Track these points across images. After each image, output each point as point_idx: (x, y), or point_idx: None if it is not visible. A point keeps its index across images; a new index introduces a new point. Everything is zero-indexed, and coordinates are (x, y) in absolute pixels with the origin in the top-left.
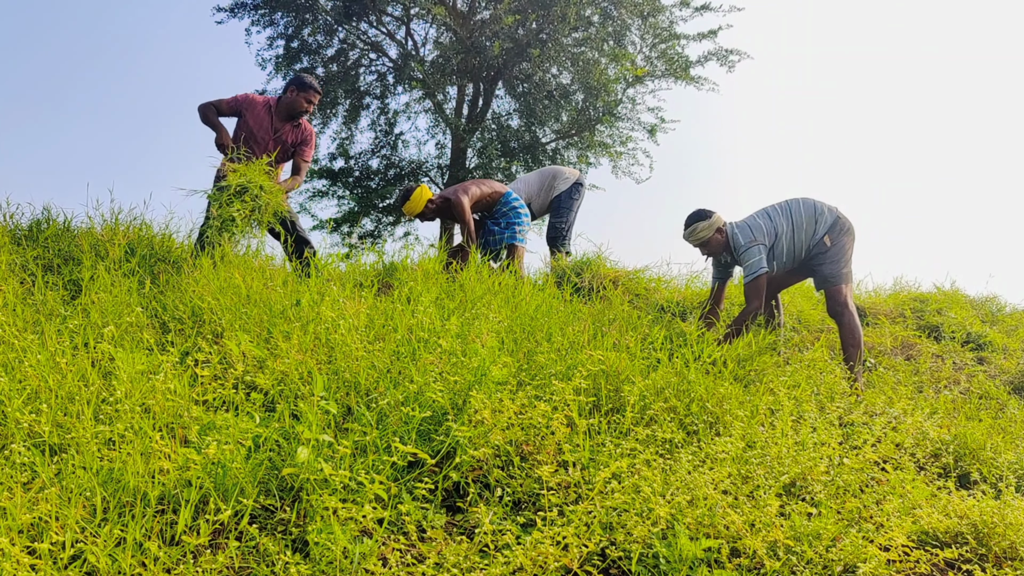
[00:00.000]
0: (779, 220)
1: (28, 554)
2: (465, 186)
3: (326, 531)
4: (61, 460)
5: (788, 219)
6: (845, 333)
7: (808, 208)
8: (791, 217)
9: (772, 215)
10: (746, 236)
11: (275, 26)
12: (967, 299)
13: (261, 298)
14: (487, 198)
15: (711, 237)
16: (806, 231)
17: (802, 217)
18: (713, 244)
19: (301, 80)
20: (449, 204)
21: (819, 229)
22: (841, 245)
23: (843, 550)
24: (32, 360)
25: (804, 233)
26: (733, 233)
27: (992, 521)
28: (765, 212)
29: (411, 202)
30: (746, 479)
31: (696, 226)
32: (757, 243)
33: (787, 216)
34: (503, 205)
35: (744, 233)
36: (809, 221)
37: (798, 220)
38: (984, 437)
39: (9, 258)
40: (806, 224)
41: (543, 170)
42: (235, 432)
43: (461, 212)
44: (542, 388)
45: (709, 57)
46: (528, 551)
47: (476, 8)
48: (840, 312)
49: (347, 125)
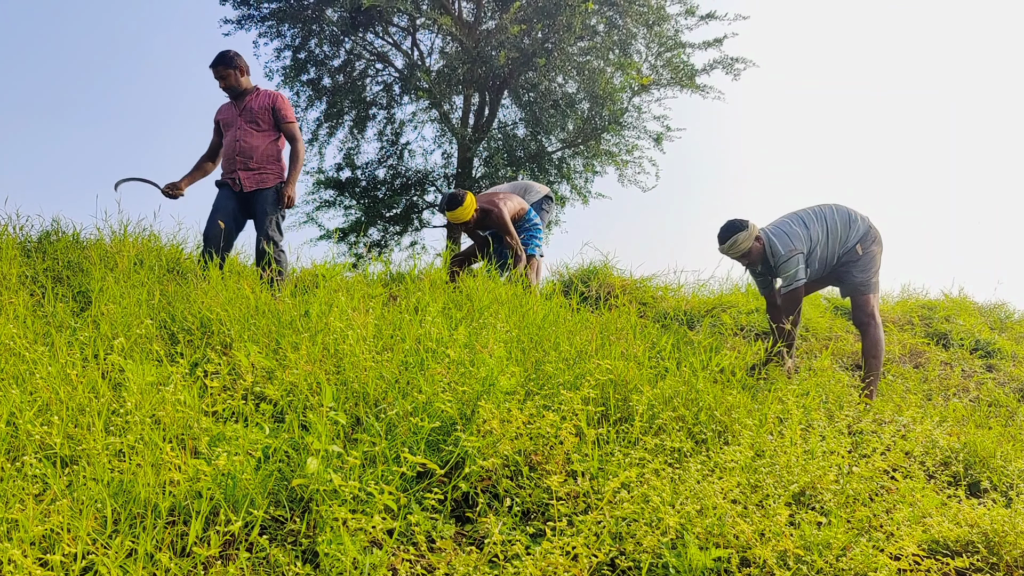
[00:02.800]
0: (814, 227)
1: (40, 566)
2: (503, 198)
3: (336, 542)
4: (72, 472)
5: (823, 226)
6: (869, 344)
7: (842, 215)
8: (826, 224)
9: (807, 221)
10: (785, 245)
11: (282, 37)
12: (975, 306)
13: (270, 309)
14: (517, 215)
15: (752, 247)
16: (840, 239)
17: (836, 224)
18: (755, 254)
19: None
20: (490, 215)
21: (851, 237)
22: (872, 255)
23: (853, 559)
24: (43, 372)
25: (838, 241)
26: (770, 241)
27: (1003, 530)
28: (799, 218)
29: (463, 208)
30: (755, 488)
31: (736, 237)
32: (797, 252)
33: (822, 223)
34: (526, 221)
35: (783, 241)
36: (844, 228)
37: (832, 227)
38: (994, 445)
39: (19, 270)
40: (841, 232)
41: (515, 183)
42: (245, 443)
43: (504, 223)
44: (550, 398)
45: (714, 65)
46: (538, 561)
47: (482, 18)
48: (867, 323)
49: (353, 135)
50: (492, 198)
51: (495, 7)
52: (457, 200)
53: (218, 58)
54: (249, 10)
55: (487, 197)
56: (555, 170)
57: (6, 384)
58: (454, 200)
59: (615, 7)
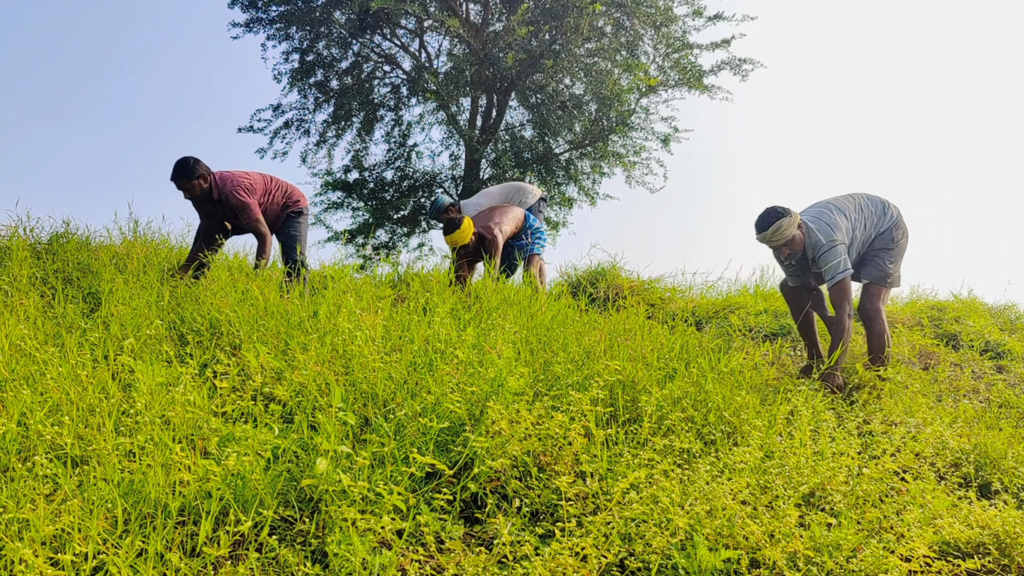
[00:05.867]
0: (853, 216)
1: (51, 565)
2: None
3: (345, 542)
4: (83, 472)
5: (860, 215)
6: (875, 341)
7: (876, 205)
8: (862, 213)
9: (844, 210)
10: (827, 235)
11: (290, 40)
12: (985, 307)
13: (278, 310)
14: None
15: (795, 235)
16: (875, 226)
17: (872, 213)
18: (797, 243)
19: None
20: (485, 242)
21: (883, 225)
22: (902, 248)
23: (864, 561)
24: (53, 372)
25: (873, 228)
26: (809, 230)
27: (1015, 531)
28: (836, 207)
29: (461, 232)
30: (765, 489)
31: (779, 223)
32: (839, 242)
33: (859, 212)
34: (527, 228)
35: (824, 232)
36: (879, 217)
37: (869, 216)
38: (1005, 446)
39: (30, 272)
40: (877, 220)
41: (507, 185)
42: (254, 443)
43: (495, 251)
44: (559, 398)
45: (722, 66)
46: (547, 562)
47: (489, 20)
48: (873, 318)
49: (361, 137)
50: (491, 223)
51: (502, 9)
52: (454, 224)
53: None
54: (257, 13)
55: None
56: (563, 172)
57: (17, 385)
58: (452, 224)
59: (622, 8)
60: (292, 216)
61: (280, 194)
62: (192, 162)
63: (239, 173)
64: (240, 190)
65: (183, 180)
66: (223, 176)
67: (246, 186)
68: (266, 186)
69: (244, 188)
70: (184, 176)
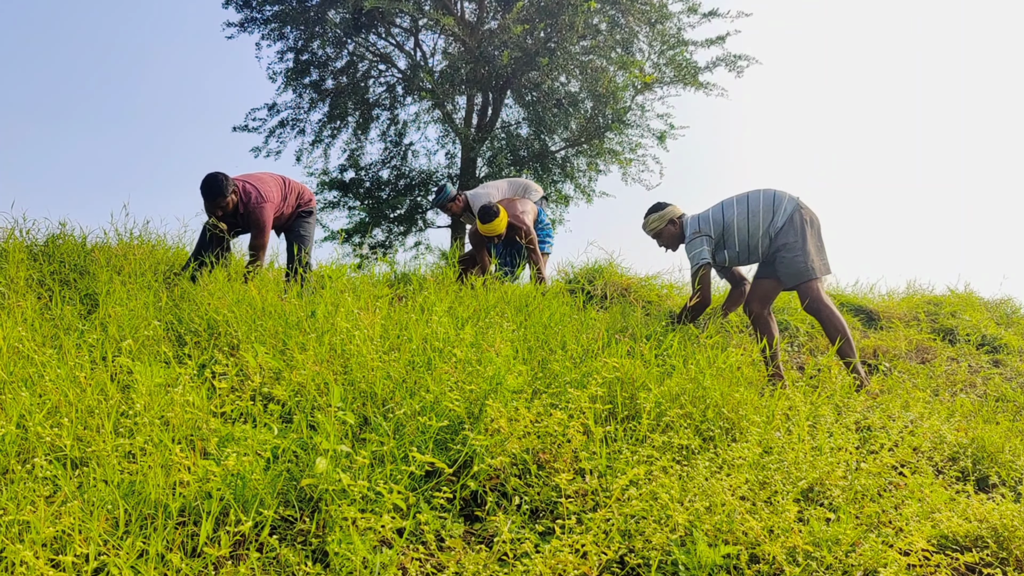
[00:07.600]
0: (732, 209)
1: (52, 567)
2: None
3: (346, 541)
4: (83, 473)
5: (744, 207)
6: (828, 328)
7: (767, 197)
8: (747, 205)
9: (727, 205)
10: (692, 227)
11: (285, 40)
12: (981, 301)
13: (276, 310)
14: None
15: (663, 228)
16: (763, 219)
17: (759, 205)
18: (666, 236)
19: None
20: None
21: (778, 218)
22: (807, 235)
23: (863, 555)
24: (52, 374)
25: (761, 221)
26: (684, 224)
27: (1012, 524)
28: (721, 203)
29: (499, 220)
30: (764, 485)
31: (648, 218)
32: (701, 234)
33: (743, 205)
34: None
35: (691, 224)
36: (767, 210)
37: (754, 207)
38: (1002, 440)
39: (26, 273)
40: (763, 212)
41: (513, 179)
42: (254, 443)
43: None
44: (557, 396)
45: (718, 63)
46: (547, 559)
47: (484, 18)
48: (817, 308)
49: (357, 136)
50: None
51: (497, 7)
52: (491, 214)
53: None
54: (252, 13)
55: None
56: (559, 169)
57: (16, 387)
58: (489, 213)
59: (617, 6)
60: (303, 216)
61: (294, 196)
62: (222, 178)
63: (262, 184)
64: (265, 208)
65: (218, 199)
66: (247, 189)
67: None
68: (283, 191)
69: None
70: (220, 195)
